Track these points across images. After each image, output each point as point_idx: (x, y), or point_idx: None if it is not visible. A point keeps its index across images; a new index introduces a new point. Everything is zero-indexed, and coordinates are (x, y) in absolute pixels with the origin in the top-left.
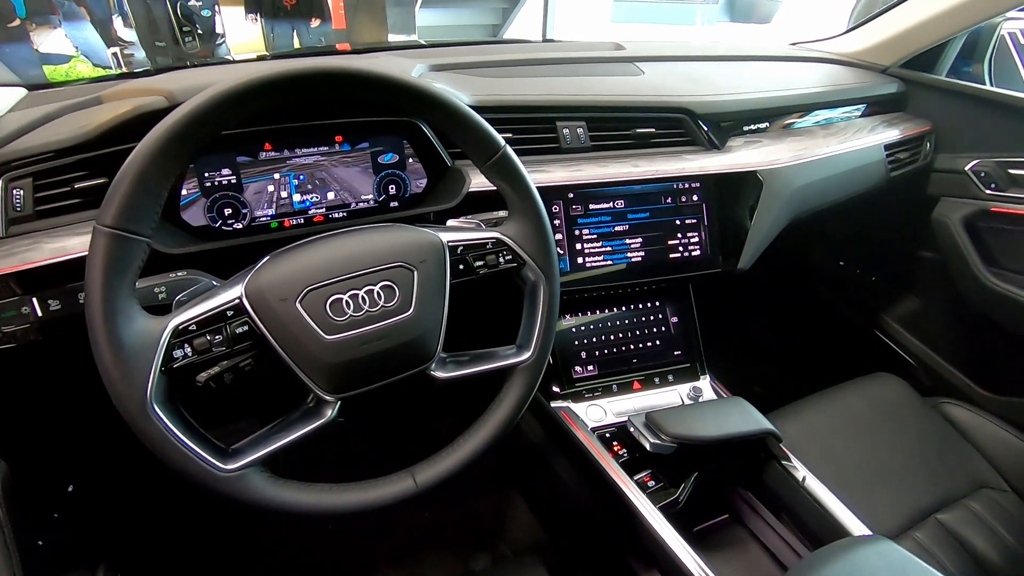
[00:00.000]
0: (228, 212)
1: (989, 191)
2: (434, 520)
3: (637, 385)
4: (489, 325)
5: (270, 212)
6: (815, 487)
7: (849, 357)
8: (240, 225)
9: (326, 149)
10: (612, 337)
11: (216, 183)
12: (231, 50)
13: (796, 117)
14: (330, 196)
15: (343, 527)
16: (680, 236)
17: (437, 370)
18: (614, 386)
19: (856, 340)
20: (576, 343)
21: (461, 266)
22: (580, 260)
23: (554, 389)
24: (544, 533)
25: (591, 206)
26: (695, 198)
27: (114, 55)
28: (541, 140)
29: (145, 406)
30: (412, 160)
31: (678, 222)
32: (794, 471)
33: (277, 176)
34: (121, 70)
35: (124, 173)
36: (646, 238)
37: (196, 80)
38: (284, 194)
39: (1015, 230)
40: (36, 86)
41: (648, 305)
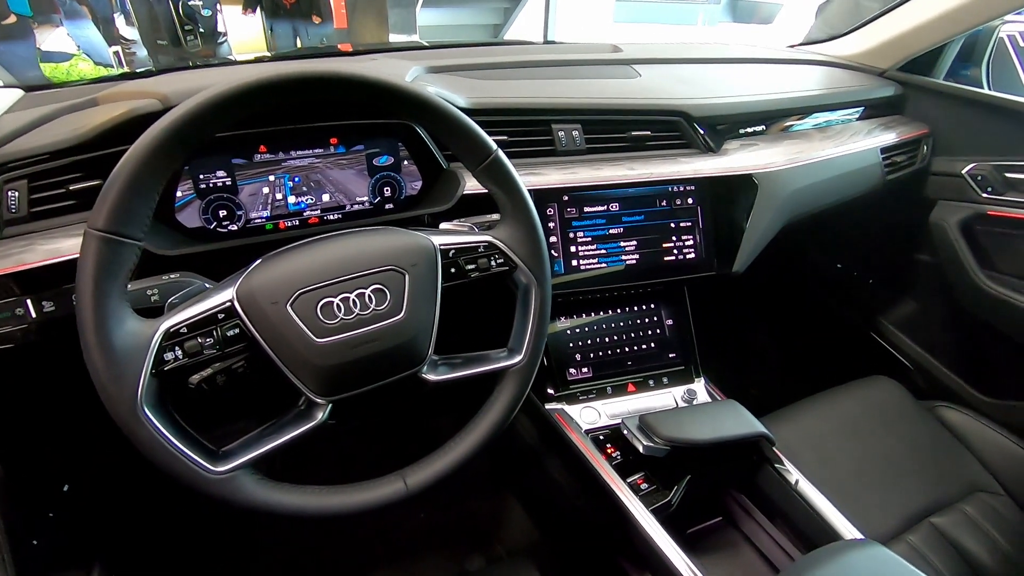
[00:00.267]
0: (223, 214)
1: (986, 195)
2: (429, 521)
3: (631, 387)
4: (482, 328)
5: (265, 214)
6: (808, 490)
7: (845, 360)
8: (235, 227)
9: (321, 151)
10: (607, 339)
11: (211, 185)
12: (232, 49)
13: (794, 120)
14: (325, 198)
15: (339, 528)
16: (675, 239)
17: (428, 373)
18: (608, 388)
19: (852, 343)
20: (571, 345)
21: (453, 270)
22: (575, 263)
23: (548, 391)
24: (538, 534)
25: (586, 209)
26: (690, 201)
27: (115, 54)
28: (536, 143)
29: (135, 408)
30: (407, 162)
31: (673, 225)
32: (787, 474)
33: (272, 178)
34: (123, 69)
35: (115, 177)
36: (641, 241)
37: (191, 83)
38: (279, 196)
39: (1012, 234)
40: (33, 87)
41: (643, 307)
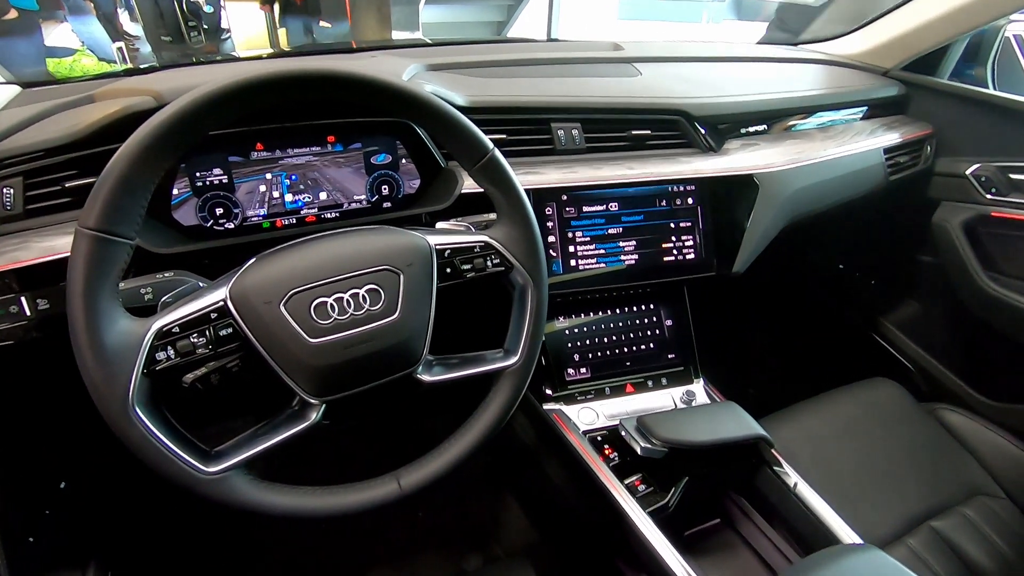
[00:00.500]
0: (220, 212)
1: (990, 196)
2: (427, 520)
3: (630, 388)
4: (478, 328)
5: (262, 212)
6: (806, 493)
7: (846, 362)
8: (232, 225)
9: (318, 149)
10: (606, 339)
11: (208, 183)
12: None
13: (797, 119)
14: (322, 196)
15: (336, 527)
16: (674, 239)
17: (423, 373)
18: (607, 389)
19: (854, 345)
20: (569, 345)
21: (448, 270)
22: (573, 262)
23: (546, 391)
24: (536, 535)
25: (584, 208)
26: (690, 201)
27: (119, 49)
28: (535, 141)
29: (126, 408)
30: (405, 160)
31: (672, 225)
32: (785, 477)
33: (269, 176)
34: (126, 65)
35: (106, 175)
36: (640, 241)
37: (187, 81)
38: (276, 194)
39: (1015, 235)
40: (30, 83)
41: (642, 308)
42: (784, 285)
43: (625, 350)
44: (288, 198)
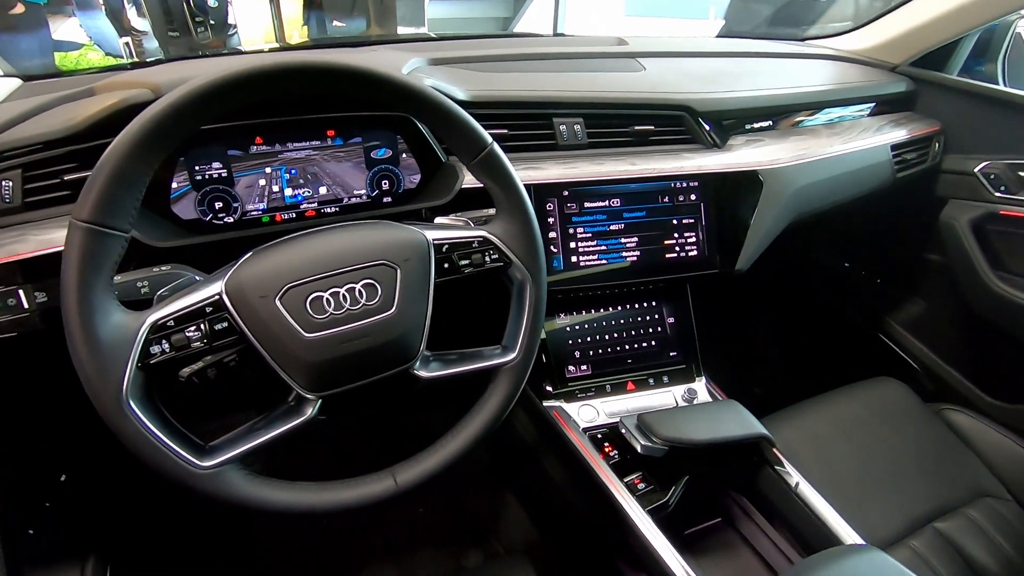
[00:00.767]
0: (219, 206)
1: (999, 194)
2: (427, 516)
3: (631, 386)
4: (478, 324)
5: (261, 206)
6: (808, 493)
7: (851, 361)
8: (231, 219)
9: (318, 143)
10: (607, 337)
11: (207, 176)
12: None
13: (804, 116)
14: (322, 191)
15: (337, 522)
16: (677, 236)
17: (421, 369)
18: (608, 386)
19: (859, 343)
20: (570, 342)
21: (446, 265)
22: (574, 259)
23: (547, 388)
24: (536, 532)
25: (586, 204)
26: (693, 197)
27: (125, 44)
28: (537, 136)
29: (120, 402)
30: (406, 155)
31: (675, 222)
32: (787, 476)
33: (268, 170)
34: (132, 59)
35: (100, 168)
36: (642, 237)
37: (187, 74)
38: (275, 188)
39: None
40: (31, 76)
41: (644, 305)
42: (788, 283)
43: (626, 347)
44: (288, 192)
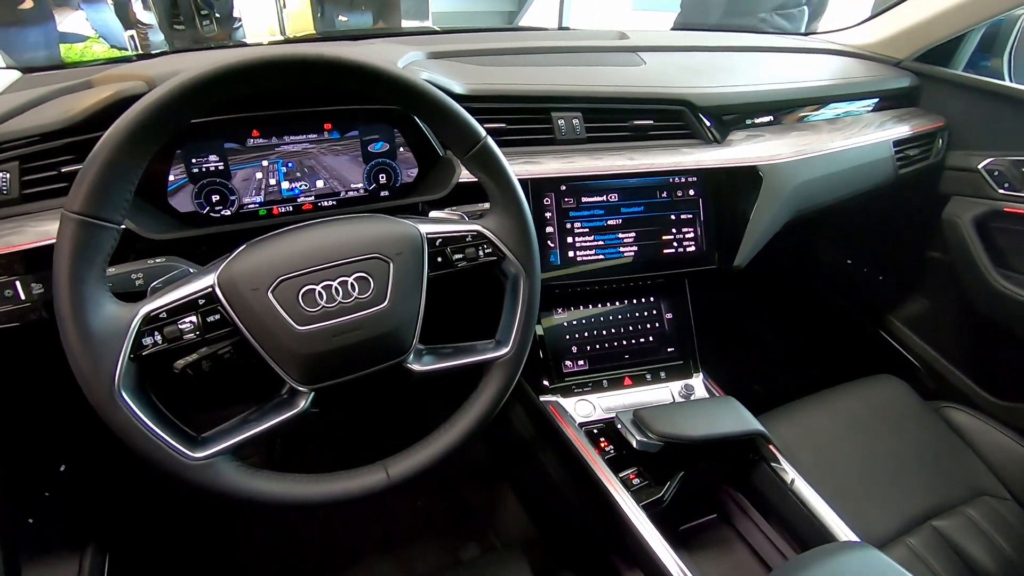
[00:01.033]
0: (216, 199)
1: (1002, 191)
2: (425, 509)
3: (628, 381)
4: (472, 318)
5: (258, 199)
6: (804, 490)
7: (851, 358)
8: (228, 212)
9: (315, 137)
10: (604, 332)
11: (203, 169)
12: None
13: (811, 111)
14: (319, 184)
15: (335, 513)
16: (675, 231)
17: (414, 363)
18: (604, 382)
19: (859, 340)
20: (567, 337)
21: (439, 259)
22: (571, 254)
23: (544, 383)
24: (533, 527)
25: (584, 199)
26: (691, 192)
27: (131, 37)
28: (535, 131)
29: (112, 393)
30: (403, 149)
31: (673, 217)
32: (783, 473)
33: (265, 163)
34: (136, 52)
35: (91, 160)
36: (639, 233)
37: (180, 66)
38: (272, 181)
39: None
40: (30, 69)
41: (642, 300)
42: (789, 279)
43: (624, 343)
44: (285, 185)
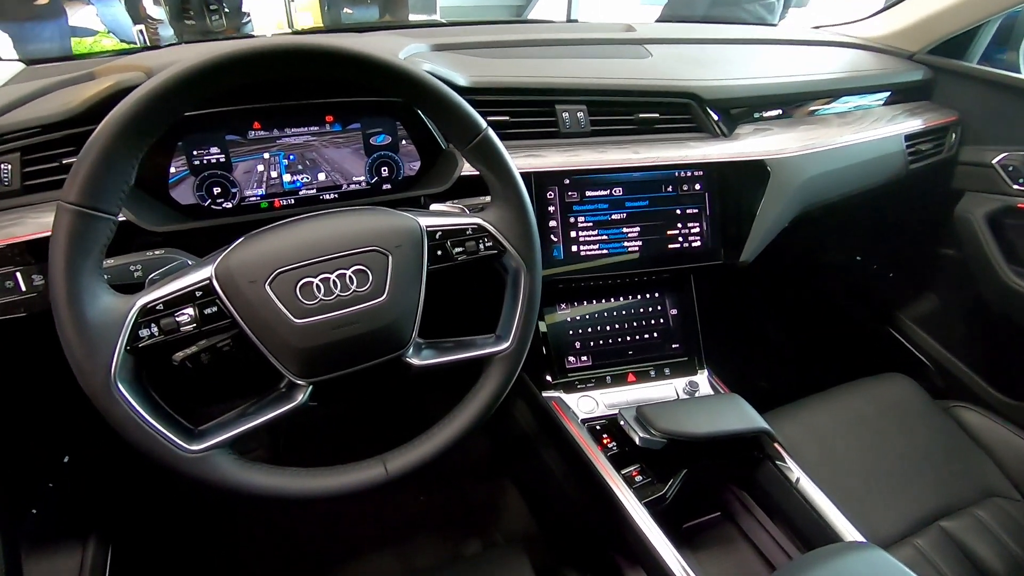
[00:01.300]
0: (217, 191)
1: (1017, 187)
2: (428, 504)
3: (632, 377)
4: (473, 312)
5: (260, 192)
6: (809, 489)
7: (860, 356)
8: (230, 204)
9: (316, 129)
10: (608, 328)
11: (205, 161)
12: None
13: (821, 104)
14: (321, 177)
15: (338, 507)
16: (680, 226)
17: (413, 357)
18: (608, 378)
19: (868, 338)
20: (570, 332)
21: (439, 252)
22: (575, 248)
23: (546, 378)
24: (535, 523)
25: (587, 193)
26: (697, 187)
27: (139, 32)
28: (539, 124)
29: (108, 385)
30: (405, 142)
31: (678, 212)
32: (788, 472)
33: (267, 155)
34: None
35: (87, 151)
36: (644, 227)
37: (180, 57)
38: (274, 174)
39: None
40: (33, 61)
41: (647, 296)
42: (796, 276)
43: (628, 339)
44: (286, 178)
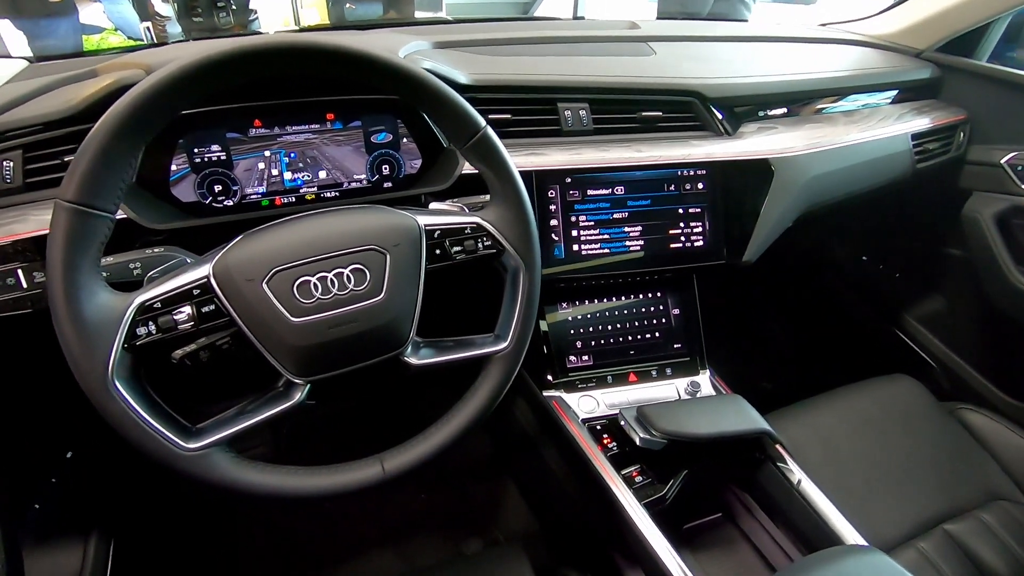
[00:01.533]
0: (218, 189)
1: None
2: (429, 503)
3: (633, 377)
4: (472, 311)
5: (261, 190)
6: (810, 491)
7: (866, 357)
8: (231, 202)
9: (317, 127)
10: (609, 327)
11: (206, 159)
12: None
13: (827, 102)
14: (322, 175)
15: (340, 505)
16: (682, 225)
17: (411, 356)
18: (609, 377)
19: (874, 339)
20: (572, 332)
21: (438, 251)
22: (576, 248)
23: (547, 378)
24: (536, 522)
25: (589, 192)
26: (700, 186)
27: (147, 29)
28: (541, 122)
29: (106, 382)
30: (407, 140)
31: (680, 211)
32: (789, 473)
33: (268, 153)
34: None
35: (84, 149)
36: (646, 227)
37: (178, 55)
38: (275, 172)
39: None
40: (39, 58)
41: (649, 295)
42: (801, 275)
43: (629, 338)
44: (287, 176)
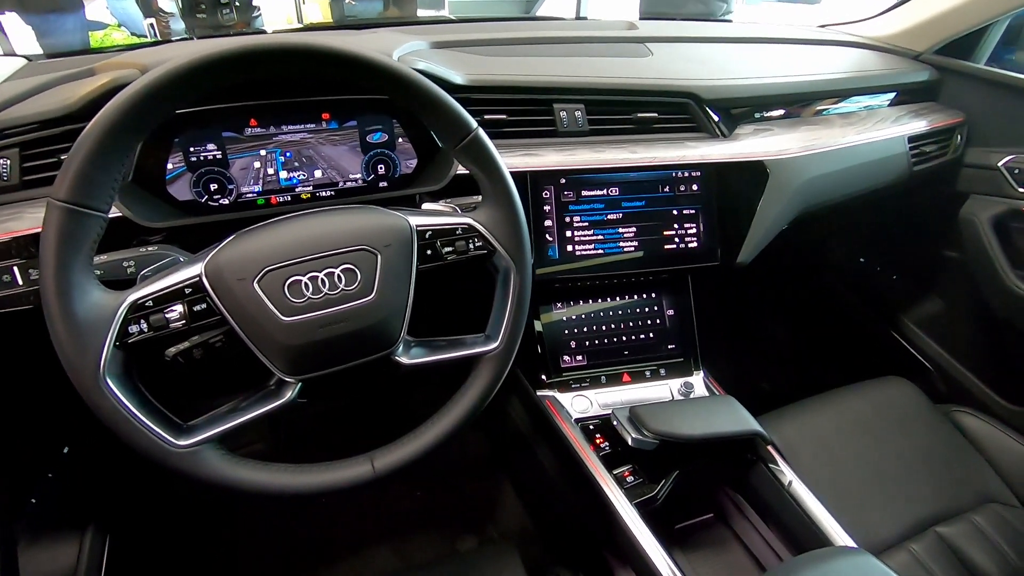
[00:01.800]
0: (214, 188)
1: (1023, 190)
2: (425, 500)
3: (627, 378)
4: (465, 311)
5: (256, 189)
6: (802, 492)
7: (861, 358)
8: (227, 201)
9: (313, 126)
10: (603, 327)
11: (201, 158)
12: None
13: (825, 104)
14: (317, 174)
15: (335, 502)
16: (676, 227)
17: (402, 356)
18: (602, 378)
19: (869, 341)
20: (566, 332)
21: (429, 252)
22: (570, 248)
23: (542, 377)
24: (530, 521)
25: (584, 192)
26: (695, 187)
27: (150, 25)
28: (537, 123)
29: (97, 380)
30: (402, 140)
31: (675, 212)
32: (780, 475)
33: (263, 152)
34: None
35: (77, 148)
36: (640, 228)
37: (176, 54)
38: (271, 171)
39: None
40: (37, 56)
41: (643, 296)
42: (797, 277)
43: (623, 339)
44: (283, 175)
